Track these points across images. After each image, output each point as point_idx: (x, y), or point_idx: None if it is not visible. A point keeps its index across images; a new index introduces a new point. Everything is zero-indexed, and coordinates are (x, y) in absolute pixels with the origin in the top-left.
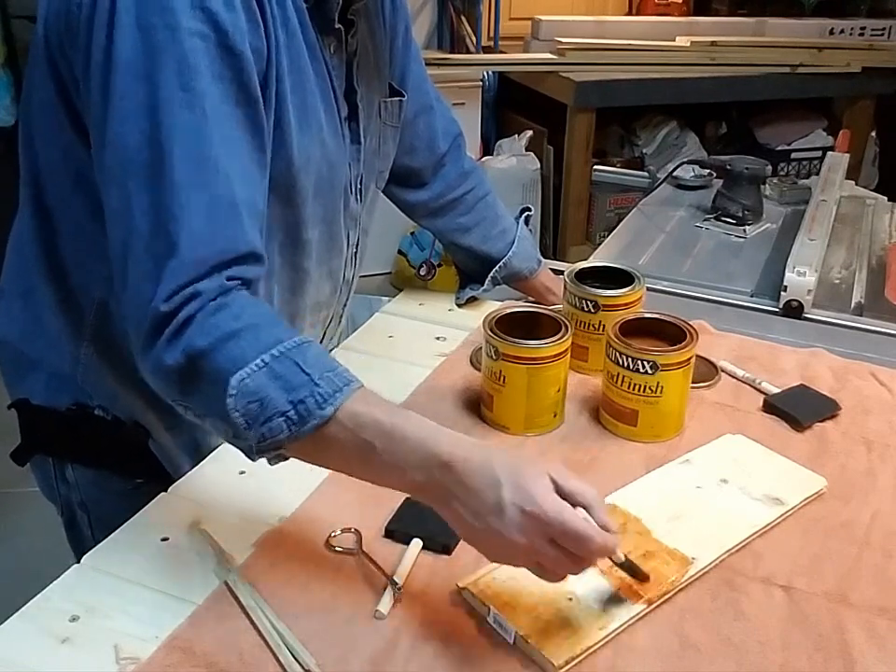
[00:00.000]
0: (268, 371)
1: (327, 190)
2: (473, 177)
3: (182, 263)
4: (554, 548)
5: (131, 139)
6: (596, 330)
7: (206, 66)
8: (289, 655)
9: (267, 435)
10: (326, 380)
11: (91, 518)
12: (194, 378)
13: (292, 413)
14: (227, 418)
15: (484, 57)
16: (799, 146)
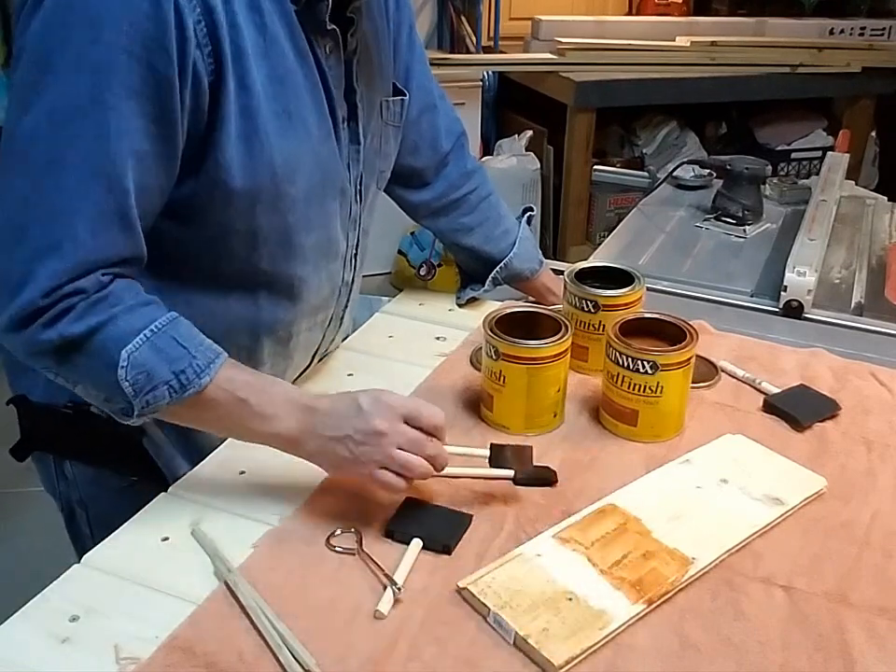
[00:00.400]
0: (150, 345)
1: (319, 196)
2: (476, 177)
3: (63, 266)
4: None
5: (28, 133)
6: (596, 330)
7: (122, 81)
8: (289, 655)
9: (151, 402)
10: (200, 352)
11: (89, 515)
12: (71, 353)
13: (174, 382)
14: (109, 387)
15: (484, 57)
16: (799, 146)
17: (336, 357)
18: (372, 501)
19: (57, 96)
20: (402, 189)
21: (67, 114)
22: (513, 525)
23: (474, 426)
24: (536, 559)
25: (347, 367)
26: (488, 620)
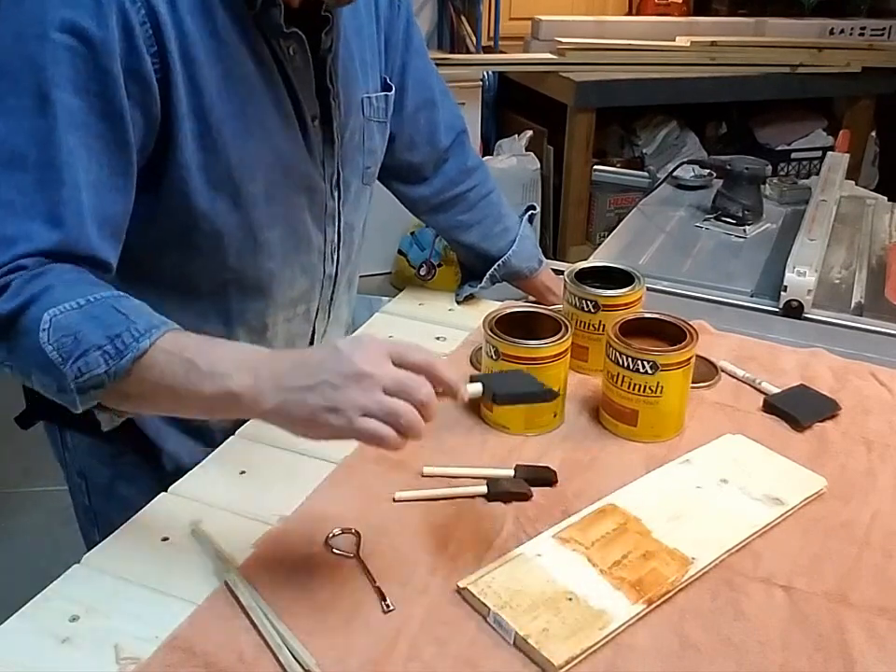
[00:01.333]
0: (82, 311)
1: (282, 193)
2: (477, 174)
3: (11, 258)
4: (398, 370)
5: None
6: (596, 330)
7: (68, 78)
8: (289, 655)
9: (83, 370)
10: (142, 319)
11: (87, 484)
12: (12, 334)
13: (109, 347)
14: (39, 363)
15: (484, 57)
16: (799, 146)
17: None
18: (373, 501)
19: (11, 98)
20: (400, 185)
21: (19, 113)
22: (513, 525)
23: (474, 426)
24: (536, 559)
25: None
26: (488, 620)
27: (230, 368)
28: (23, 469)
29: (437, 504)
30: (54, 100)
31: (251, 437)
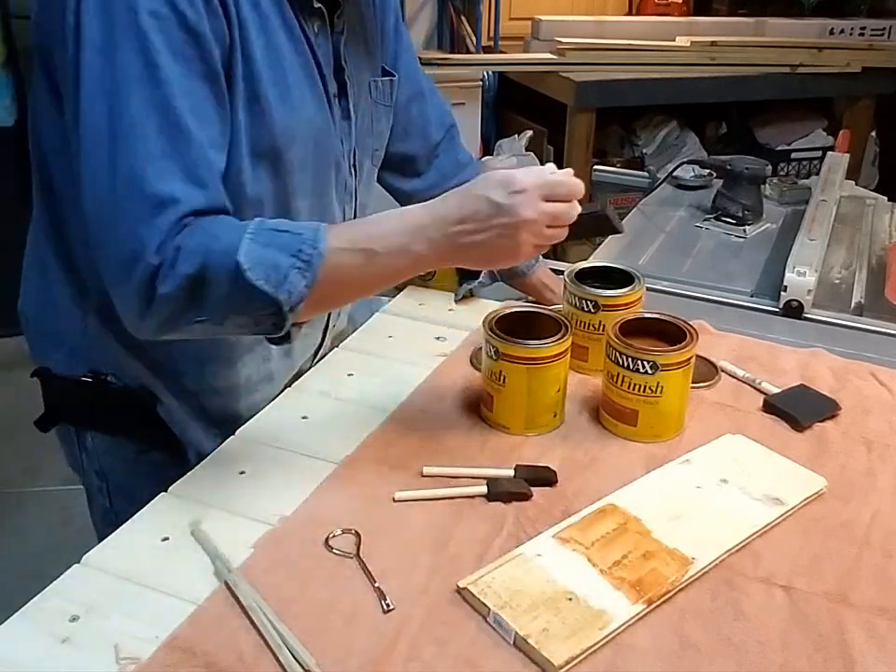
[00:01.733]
0: (256, 243)
1: (314, 164)
2: (469, 170)
3: (168, 218)
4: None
5: (102, 114)
6: (596, 330)
7: (166, 44)
8: (289, 655)
9: (292, 291)
10: (303, 228)
11: (108, 486)
12: (200, 289)
13: (298, 263)
14: (250, 300)
15: (484, 57)
16: (799, 146)
17: (336, 356)
18: (373, 501)
19: (116, 72)
20: (395, 178)
21: (130, 86)
22: (513, 525)
23: (474, 426)
24: (536, 559)
25: (347, 367)
26: (488, 620)
27: (403, 240)
28: (23, 469)
29: (437, 504)
30: (163, 66)
31: (251, 437)
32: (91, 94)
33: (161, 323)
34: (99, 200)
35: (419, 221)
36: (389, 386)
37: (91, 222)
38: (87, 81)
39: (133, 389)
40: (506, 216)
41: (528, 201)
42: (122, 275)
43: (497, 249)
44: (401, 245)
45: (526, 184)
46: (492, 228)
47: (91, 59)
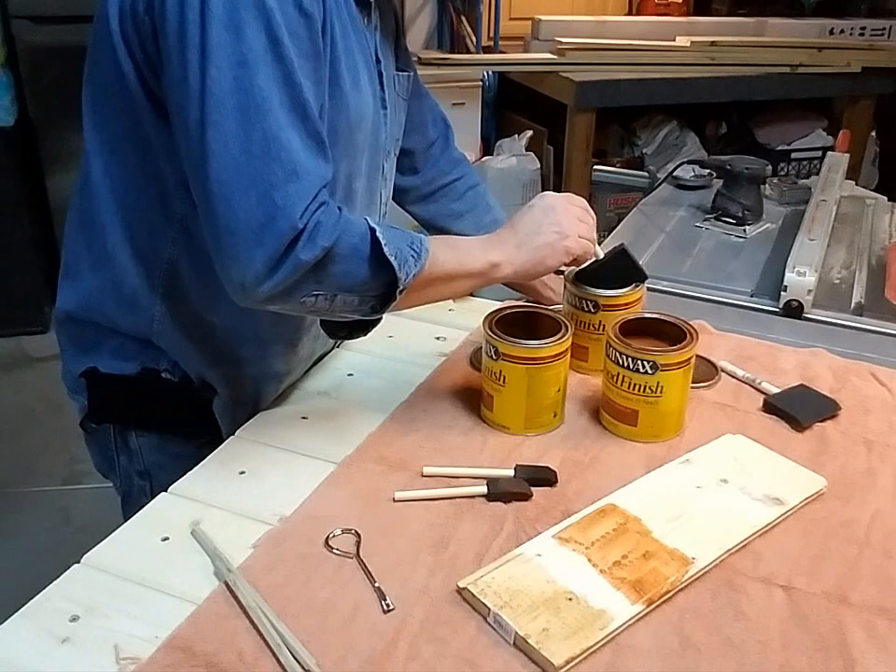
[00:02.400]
0: (383, 228)
1: (371, 147)
2: (463, 167)
3: (307, 187)
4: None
5: (230, 85)
6: (596, 330)
7: (285, 24)
8: (289, 655)
9: (408, 272)
10: (403, 229)
11: (153, 484)
12: (330, 263)
13: (412, 253)
14: (369, 277)
15: (484, 57)
16: (799, 146)
17: (336, 356)
18: (372, 501)
19: (243, 47)
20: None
21: (256, 60)
22: (513, 525)
23: (474, 426)
24: (536, 559)
25: (347, 367)
26: (488, 620)
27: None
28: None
29: (437, 504)
30: (284, 43)
31: (251, 437)
32: (219, 67)
33: (281, 290)
34: (228, 167)
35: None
36: (389, 386)
37: (214, 191)
38: (214, 56)
39: (191, 381)
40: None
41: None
42: (254, 240)
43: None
44: (481, 251)
45: (568, 212)
46: (546, 245)
47: (218, 35)
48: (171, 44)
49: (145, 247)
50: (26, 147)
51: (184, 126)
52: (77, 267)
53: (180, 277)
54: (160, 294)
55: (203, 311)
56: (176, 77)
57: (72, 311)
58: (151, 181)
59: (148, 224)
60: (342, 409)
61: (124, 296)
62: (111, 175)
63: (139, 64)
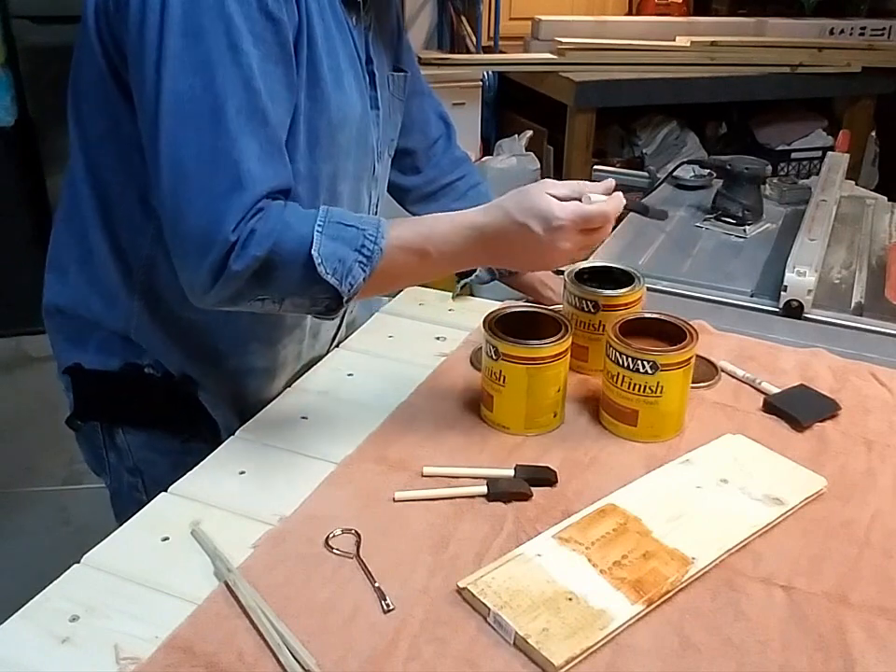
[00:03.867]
0: (326, 237)
1: (358, 148)
2: (465, 166)
3: (246, 198)
4: (585, 233)
5: (185, 92)
6: (596, 330)
7: (248, 28)
8: (289, 655)
9: (353, 283)
10: (364, 223)
11: (144, 481)
12: (268, 271)
13: (360, 258)
14: (312, 287)
15: (484, 57)
16: (799, 146)
17: (336, 356)
18: (372, 501)
19: (199, 53)
20: (393, 173)
21: (213, 66)
22: (513, 525)
23: (474, 426)
24: (536, 559)
25: (347, 367)
26: (488, 620)
27: (455, 248)
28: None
29: (437, 504)
30: (242, 49)
31: (251, 437)
32: (174, 74)
33: (226, 297)
34: (178, 175)
35: (469, 230)
36: (389, 386)
37: (166, 197)
38: (170, 61)
39: (173, 376)
40: (543, 245)
41: (566, 235)
42: (198, 250)
43: (535, 262)
44: (453, 252)
45: (565, 220)
46: (529, 251)
47: (175, 40)
48: (131, 45)
49: (124, 244)
50: (26, 146)
51: (143, 129)
52: (63, 261)
53: (158, 274)
54: (137, 290)
55: (180, 308)
56: (136, 80)
57: (60, 304)
58: (131, 178)
59: (128, 221)
60: (342, 409)
61: (105, 291)
62: (93, 171)
63: (114, 63)
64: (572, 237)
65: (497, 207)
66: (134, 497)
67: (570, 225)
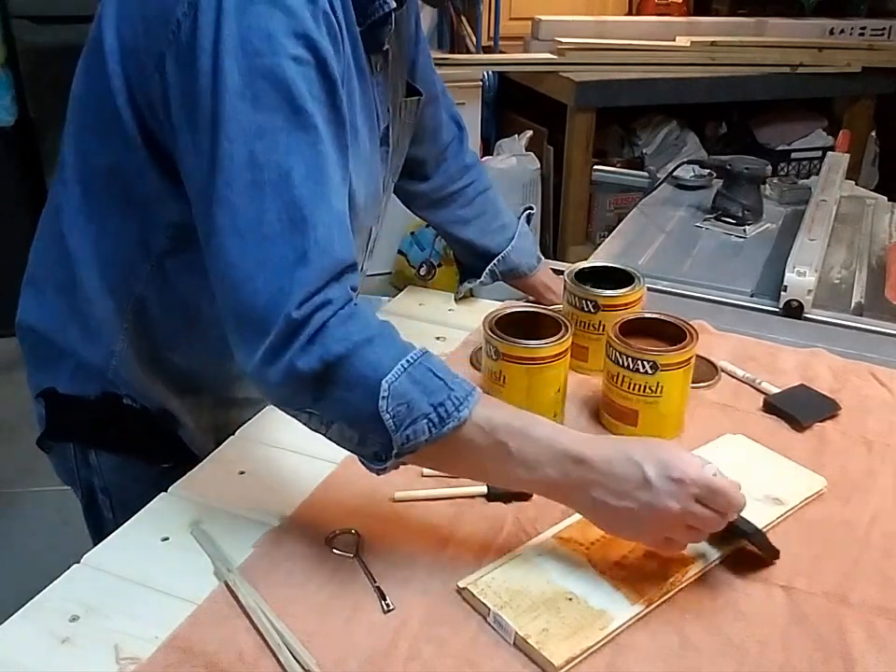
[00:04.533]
0: (408, 375)
1: (369, 202)
2: (474, 171)
3: (312, 272)
4: (702, 507)
5: (241, 159)
6: (596, 330)
7: (307, 90)
8: (289, 655)
9: (411, 437)
10: (457, 385)
11: (112, 502)
12: (328, 384)
13: (433, 416)
14: (367, 422)
15: (484, 57)
16: (799, 146)
17: None
18: (373, 502)
19: (260, 116)
20: (403, 180)
21: (276, 131)
22: (513, 525)
23: None
24: (536, 559)
25: None
26: (488, 620)
27: (542, 458)
28: (23, 469)
29: (437, 504)
30: (308, 111)
31: (251, 437)
32: (233, 139)
33: (273, 394)
34: (235, 248)
35: (567, 451)
36: None
37: (223, 272)
38: (227, 126)
39: (150, 411)
40: (651, 495)
41: (681, 493)
42: (254, 328)
43: (624, 521)
44: (536, 460)
45: (687, 476)
46: (630, 498)
47: (232, 104)
48: (179, 108)
49: (115, 281)
50: (26, 146)
51: (194, 196)
52: (41, 281)
53: (147, 314)
54: (123, 329)
55: (165, 349)
56: (187, 147)
57: (34, 324)
58: (132, 218)
59: (122, 259)
60: None
61: (87, 326)
62: (89, 203)
63: (143, 115)
64: (687, 500)
65: (607, 439)
66: (103, 515)
67: (692, 484)
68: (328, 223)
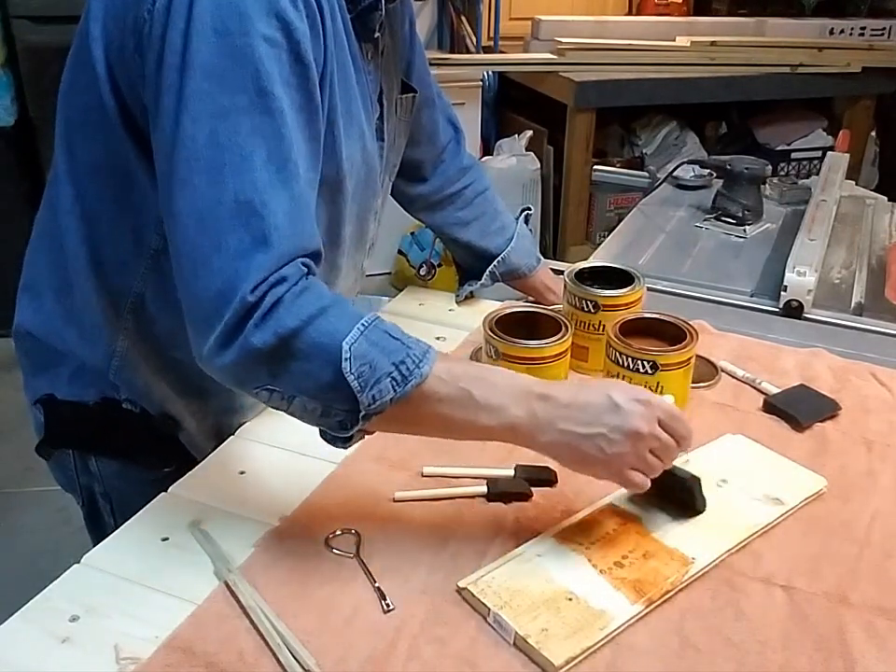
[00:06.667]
0: (366, 338)
1: (363, 190)
2: (472, 173)
3: (271, 257)
4: (663, 433)
5: (206, 138)
6: (596, 330)
7: (278, 72)
8: (289, 655)
9: (377, 397)
10: (413, 343)
11: (113, 507)
12: (286, 358)
13: (396, 374)
14: (330, 390)
15: (484, 57)
16: (799, 146)
17: None
18: (373, 502)
19: (225, 98)
20: (400, 182)
21: (240, 112)
22: (513, 525)
23: None
24: (536, 559)
25: None
26: (488, 620)
27: (505, 400)
28: (23, 469)
29: (437, 504)
30: (275, 95)
31: (251, 437)
32: (195, 119)
33: (228, 374)
34: (193, 229)
35: (531, 389)
36: None
37: (181, 252)
38: (191, 105)
39: (151, 415)
40: (620, 417)
41: (648, 414)
42: (212, 311)
43: (591, 451)
44: (501, 403)
45: (653, 398)
46: (599, 424)
47: (198, 83)
48: (149, 87)
49: (112, 280)
50: (26, 146)
51: (159, 177)
52: (38, 286)
53: (146, 312)
54: (123, 329)
55: (168, 347)
56: (155, 128)
57: (31, 329)
58: (126, 213)
59: (118, 256)
60: None
61: (86, 327)
62: (82, 202)
63: (126, 102)
64: (652, 421)
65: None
66: (104, 520)
67: (656, 407)
68: (287, 209)
